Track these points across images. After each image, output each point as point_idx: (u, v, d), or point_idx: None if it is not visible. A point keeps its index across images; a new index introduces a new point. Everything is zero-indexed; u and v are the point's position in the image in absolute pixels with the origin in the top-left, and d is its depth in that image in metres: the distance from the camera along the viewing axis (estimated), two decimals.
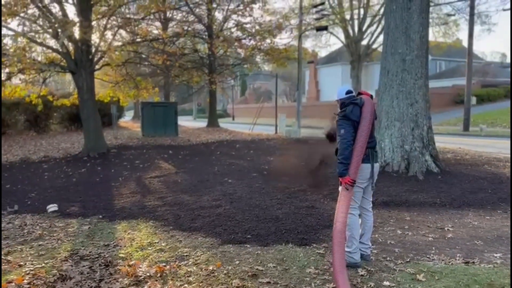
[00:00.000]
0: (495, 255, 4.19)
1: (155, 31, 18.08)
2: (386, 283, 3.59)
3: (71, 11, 41.23)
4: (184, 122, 36.66)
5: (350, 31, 34.04)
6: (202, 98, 48.43)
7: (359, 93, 4.10)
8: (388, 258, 4.15)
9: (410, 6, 7.83)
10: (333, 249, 3.58)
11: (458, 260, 4.08)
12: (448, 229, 5.07)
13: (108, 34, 14.05)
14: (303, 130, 20.42)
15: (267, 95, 53.41)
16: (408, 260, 4.11)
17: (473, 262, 4.01)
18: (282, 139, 17.56)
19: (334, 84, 47.54)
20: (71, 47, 12.95)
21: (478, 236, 4.78)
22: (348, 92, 4.06)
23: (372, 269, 3.89)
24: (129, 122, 34.47)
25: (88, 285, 3.72)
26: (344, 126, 3.82)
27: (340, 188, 4.02)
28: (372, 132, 3.96)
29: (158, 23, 22.06)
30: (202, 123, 30.05)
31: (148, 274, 3.90)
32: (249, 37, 19.53)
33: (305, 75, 54.29)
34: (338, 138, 3.89)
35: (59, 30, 11.56)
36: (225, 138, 18.34)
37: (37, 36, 12.50)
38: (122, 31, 15.38)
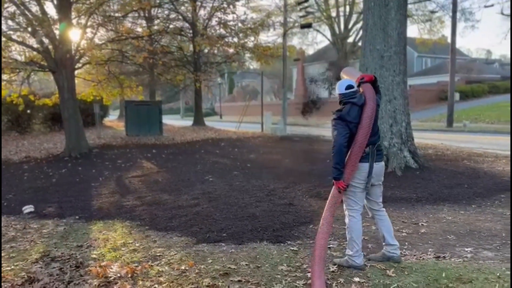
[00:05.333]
0: (466, 249, 4.23)
1: (139, 29, 17.95)
2: (356, 279, 3.59)
3: (52, 10, 40.62)
4: (171, 121, 36.50)
5: (336, 29, 34.20)
6: (190, 97, 48.18)
7: (361, 78, 3.78)
8: None
9: (388, 3, 7.86)
10: (314, 254, 3.54)
11: (430, 255, 4.10)
12: (422, 224, 5.11)
13: (89, 33, 13.88)
14: (288, 128, 20.46)
15: (254, 93, 53.40)
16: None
17: (444, 257, 4.04)
18: (267, 137, 17.56)
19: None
20: (50, 45, 12.77)
21: (451, 231, 4.82)
22: (349, 87, 3.72)
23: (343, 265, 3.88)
24: (114, 121, 34.20)
25: (56, 287, 3.66)
26: (338, 128, 3.58)
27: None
28: (373, 128, 3.65)
29: (141, 21, 21.87)
30: (190, 122, 29.94)
31: (118, 275, 3.85)
32: (232, 35, 19.49)
33: (293, 72, 54.38)
34: (333, 139, 3.65)
35: (38, 28, 11.38)
36: (210, 137, 18.29)
37: (15, 34, 12.31)
38: (103, 29, 15.19)
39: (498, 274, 3.53)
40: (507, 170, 8.29)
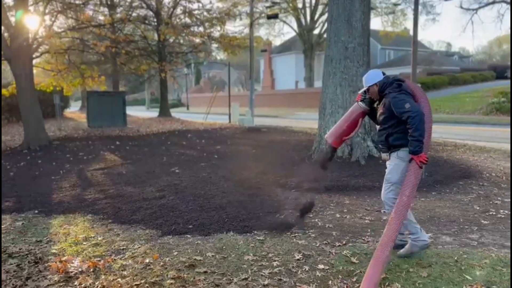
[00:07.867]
0: (426, 235, 4.35)
1: (101, 17, 17.40)
2: (321, 266, 3.64)
3: None
4: (136, 112, 35.72)
5: (303, 20, 34.39)
6: (155, 88, 47.27)
7: (384, 74, 3.86)
8: (325, 242, 4.22)
9: None
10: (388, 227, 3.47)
11: None
12: (384, 212, 5.22)
13: (48, 20, 13.32)
14: (256, 119, 20.48)
15: (222, 84, 52.99)
16: (344, 242, 4.20)
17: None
18: (234, 128, 17.51)
19: (288, 73, 48.02)
20: (6, 33, 12.16)
21: None
22: (383, 73, 3.80)
23: (308, 253, 3.93)
24: (76, 112, 33.16)
25: (13, 284, 3.51)
26: (406, 99, 3.48)
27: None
28: None
29: (103, 9, 21.18)
30: (155, 113, 29.42)
31: (80, 269, 3.74)
32: (198, 25, 19.21)
33: (260, 64, 54.39)
34: (405, 114, 3.43)
35: None
36: (176, 128, 18.04)
37: None
38: (63, 17, 14.62)
39: (456, 258, 3.67)
40: (465, 158, 8.64)
